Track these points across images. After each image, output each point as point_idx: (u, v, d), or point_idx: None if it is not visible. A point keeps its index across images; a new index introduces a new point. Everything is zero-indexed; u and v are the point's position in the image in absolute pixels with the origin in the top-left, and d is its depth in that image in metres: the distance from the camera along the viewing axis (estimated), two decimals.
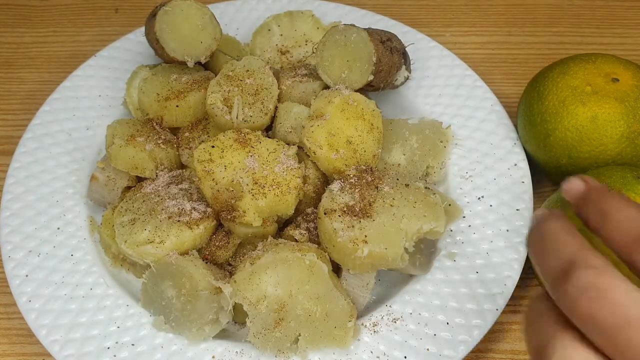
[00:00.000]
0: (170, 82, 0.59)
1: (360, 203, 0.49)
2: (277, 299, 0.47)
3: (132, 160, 0.54)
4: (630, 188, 0.46)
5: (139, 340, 0.48)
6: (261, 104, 0.55)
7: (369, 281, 0.49)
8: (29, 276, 0.50)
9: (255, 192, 0.50)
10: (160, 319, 0.49)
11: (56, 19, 0.78)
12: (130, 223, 0.51)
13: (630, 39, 0.76)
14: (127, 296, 0.50)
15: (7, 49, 0.75)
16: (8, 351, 0.52)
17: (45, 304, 0.49)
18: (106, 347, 0.47)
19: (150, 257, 0.49)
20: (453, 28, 0.77)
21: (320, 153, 0.52)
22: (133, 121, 0.58)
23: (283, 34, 0.66)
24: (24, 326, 0.52)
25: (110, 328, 0.48)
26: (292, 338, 0.47)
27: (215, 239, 0.52)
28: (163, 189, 0.53)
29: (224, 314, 0.48)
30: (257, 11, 0.71)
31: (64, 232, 0.54)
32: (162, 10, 0.57)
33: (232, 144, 0.52)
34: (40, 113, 0.61)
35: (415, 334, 0.48)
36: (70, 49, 0.75)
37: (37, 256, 0.52)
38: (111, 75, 0.65)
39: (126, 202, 0.53)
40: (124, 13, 0.79)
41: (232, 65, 0.58)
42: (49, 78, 0.71)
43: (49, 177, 0.57)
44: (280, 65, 0.65)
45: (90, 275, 0.51)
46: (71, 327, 0.48)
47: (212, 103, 0.55)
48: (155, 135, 0.56)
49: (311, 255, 0.47)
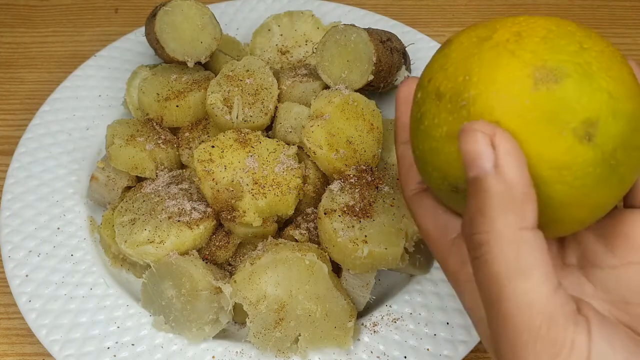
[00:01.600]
0: (170, 82, 0.59)
1: (360, 203, 0.48)
2: (277, 299, 0.47)
3: (132, 160, 0.54)
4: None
5: (139, 340, 0.48)
6: (261, 104, 0.55)
7: (369, 281, 0.49)
8: (29, 276, 0.50)
9: (255, 192, 0.50)
10: (160, 319, 0.49)
11: (56, 19, 0.78)
12: (130, 223, 0.51)
13: (630, 39, 0.76)
14: (127, 296, 0.50)
15: (7, 49, 0.75)
16: (8, 351, 0.52)
17: (45, 304, 0.49)
18: (106, 347, 0.47)
19: (150, 257, 0.49)
20: (453, 28, 0.77)
21: (320, 153, 0.52)
22: (133, 121, 0.57)
23: (283, 34, 0.66)
24: (24, 326, 0.51)
25: (110, 328, 0.48)
26: (292, 338, 0.47)
27: (215, 239, 0.51)
28: (163, 189, 0.53)
29: (224, 314, 0.48)
30: (257, 11, 0.71)
31: (64, 232, 0.54)
32: (162, 10, 0.57)
33: (232, 144, 0.52)
34: (40, 113, 0.61)
35: (415, 334, 0.48)
36: (70, 49, 0.75)
37: (37, 256, 0.52)
38: (111, 75, 0.65)
39: (126, 202, 0.52)
40: (124, 13, 0.79)
41: (232, 65, 0.58)
42: (49, 78, 0.71)
43: (49, 177, 0.57)
44: (280, 65, 0.65)
45: (90, 275, 0.51)
46: (71, 327, 0.48)
47: (212, 103, 0.55)
48: (155, 135, 0.56)
49: (311, 255, 0.47)
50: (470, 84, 0.26)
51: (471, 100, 0.26)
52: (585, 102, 0.25)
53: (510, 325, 0.25)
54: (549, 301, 0.24)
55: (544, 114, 0.25)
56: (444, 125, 0.27)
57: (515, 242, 0.24)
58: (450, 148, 0.27)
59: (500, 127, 0.25)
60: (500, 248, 0.25)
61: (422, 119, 0.29)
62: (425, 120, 0.28)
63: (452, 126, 0.27)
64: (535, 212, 0.25)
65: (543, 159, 0.25)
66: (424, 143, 0.29)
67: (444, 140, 0.27)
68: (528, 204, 0.25)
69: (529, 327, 0.24)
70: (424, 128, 0.28)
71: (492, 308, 0.25)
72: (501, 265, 0.25)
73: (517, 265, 0.24)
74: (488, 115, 0.26)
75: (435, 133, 0.28)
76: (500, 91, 0.26)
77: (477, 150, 0.25)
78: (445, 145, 0.27)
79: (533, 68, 0.26)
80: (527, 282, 0.24)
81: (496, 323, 0.25)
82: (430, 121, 0.28)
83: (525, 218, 0.25)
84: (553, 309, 0.24)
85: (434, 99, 0.28)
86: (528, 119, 0.25)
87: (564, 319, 0.25)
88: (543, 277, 0.25)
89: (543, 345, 0.24)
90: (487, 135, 0.25)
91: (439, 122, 0.27)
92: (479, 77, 0.26)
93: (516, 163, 0.25)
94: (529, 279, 0.24)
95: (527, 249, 0.24)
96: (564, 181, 0.26)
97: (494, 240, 0.25)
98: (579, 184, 0.26)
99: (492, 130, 0.25)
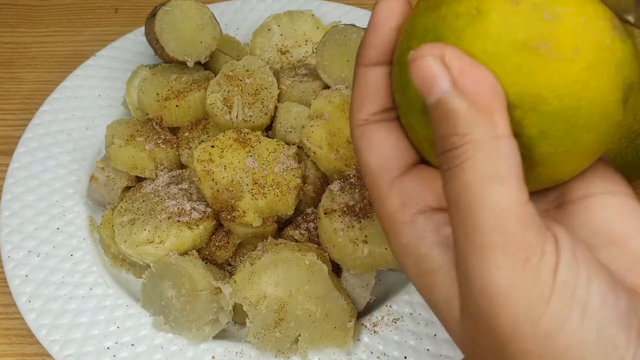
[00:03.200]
0: (170, 82, 0.59)
1: (360, 203, 0.48)
2: (277, 299, 0.47)
3: (132, 160, 0.54)
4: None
5: (138, 340, 0.48)
6: (261, 104, 0.55)
7: (369, 281, 0.49)
8: (28, 276, 0.50)
9: (255, 192, 0.50)
10: (160, 319, 0.49)
11: (56, 18, 0.78)
12: (130, 223, 0.50)
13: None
14: (126, 296, 0.50)
15: (6, 49, 0.75)
16: (7, 351, 0.52)
17: (45, 304, 0.49)
18: (106, 347, 0.47)
19: (150, 257, 0.49)
20: None
21: (320, 153, 0.52)
22: (133, 121, 0.57)
23: (283, 34, 0.66)
24: (24, 326, 0.51)
25: (110, 328, 0.48)
26: (292, 338, 0.47)
27: (215, 239, 0.51)
28: (163, 189, 0.53)
29: (224, 314, 0.48)
30: (257, 11, 0.71)
31: (64, 232, 0.54)
32: (162, 10, 0.57)
33: (232, 143, 0.52)
34: (40, 113, 0.61)
35: (415, 334, 0.48)
36: (70, 49, 0.75)
37: (37, 256, 0.52)
38: (111, 75, 0.65)
39: (126, 202, 0.52)
40: (123, 13, 0.79)
41: (232, 65, 0.58)
42: (48, 78, 0.71)
43: (49, 177, 0.57)
44: (280, 65, 0.65)
45: (90, 275, 0.51)
46: (71, 327, 0.48)
47: (212, 103, 0.55)
48: (155, 135, 0.56)
49: (311, 255, 0.47)
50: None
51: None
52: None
53: (482, 230, 0.24)
54: (522, 208, 0.24)
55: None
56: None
57: (491, 150, 0.24)
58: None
59: (448, 44, 0.25)
60: (475, 156, 0.24)
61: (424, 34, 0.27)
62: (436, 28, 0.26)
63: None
64: (506, 118, 0.25)
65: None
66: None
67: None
68: (497, 112, 0.24)
69: (503, 230, 0.24)
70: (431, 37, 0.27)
71: (462, 218, 0.25)
72: (475, 172, 0.24)
73: (492, 171, 0.24)
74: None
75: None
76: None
77: (431, 74, 0.24)
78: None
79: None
80: (502, 187, 0.24)
81: (465, 234, 0.25)
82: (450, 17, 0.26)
83: (497, 126, 0.24)
84: (527, 215, 0.24)
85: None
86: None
87: (535, 223, 0.24)
88: (517, 184, 0.24)
89: (515, 249, 0.24)
90: (437, 56, 0.24)
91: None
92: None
93: (474, 74, 0.24)
94: (504, 184, 0.24)
95: (502, 155, 0.24)
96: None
97: (471, 151, 0.24)
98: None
99: (441, 51, 0.24)
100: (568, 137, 0.26)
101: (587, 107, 0.25)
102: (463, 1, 0.26)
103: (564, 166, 0.27)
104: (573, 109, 0.25)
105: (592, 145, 0.26)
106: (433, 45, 0.25)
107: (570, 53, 0.25)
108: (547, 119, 0.25)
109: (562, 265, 0.24)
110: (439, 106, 0.25)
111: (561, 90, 0.25)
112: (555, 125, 0.25)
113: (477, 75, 0.24)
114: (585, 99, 0.25)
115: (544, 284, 0.24)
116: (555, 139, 0.26)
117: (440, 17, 0.26)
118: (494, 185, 0.24)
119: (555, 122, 0.25)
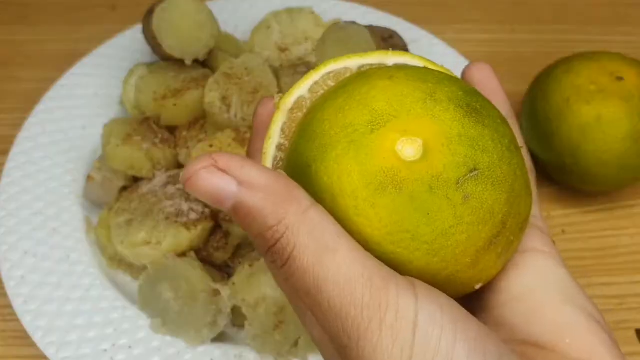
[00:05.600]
0: (168, 80, 0.58)
1: None
2: (276, 301, 0.46)
3: (129, 160, 0.54)
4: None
5: (136, 342, 0.47)
6: None
7: None
8: (24, 278, 0.50)
9: None
10: (157, 322, 0.48)
11: (52, 16, 0.78)
12: (126, 224, 0.50)
13: (636, 37, 0.75)
14: (123, 298, 0.50)
15: (2, 47, 0.74)
16: (4, 354, 0.51)
17: (41, 305, 0.48)
18: (103, 350, 0.47)
19: (147, 259, 0.49)
20: (456, 25, 0.77)
21: None
22: (130, 120, 0.57)
23: (282, 31, 0.66)
24: (20, 328, 0.51)
25: (107, 330, 0.48)
26: (291, 341, 0.46)
27: (213, 240, 0.51)
28: (160, 189, 0.53)
29: (222, 316, 0.47)
30: (256, 8, 0.70)
31: (60, 233, 0.53)
32: (159, 8, 0.56)
33: (230, 142, 0.51)
34: (36, 112, 0.60)
35: None
36: (67, 47, 0.74)
37: (33, 257, 0.51)
38: (107, 73, 0.64)
39: (123, 203, 0.52)
40: (120, 10, 0.78)
41: (231, 63, 0.57)
42: (44, 76, 0.70)
43: (45, 177, 0.56)
44: (279, 63, 0.64)
45: (86, 276, 0.51)
46: (67, 329, 0.47)
47: (210, 101, 0.55)
48: (152, 135, 0.56)
49: None
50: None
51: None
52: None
53: (335, 309, 0.23)
54: (365, 267, 0.24)
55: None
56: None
57: (308, 225, 0.24)
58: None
59: (214, 151, 0.25)
60: (298, 241, 0.24)
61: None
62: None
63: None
64: (301, 190, 0.25)
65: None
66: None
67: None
68: (292, 188, 0.24)
69: (353, 301, 0.23)
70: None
71: (314, 303, 0.24)
72: (307, 254, 0.24)
73: (319, 245, 0.24)
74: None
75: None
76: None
77: (213, 185, 0.24)
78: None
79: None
80: (337, 256, 0.24)
81: (324, 318, 0.24)
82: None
83: (300, 200, 0.24)
84: (370, 272, 0.24)
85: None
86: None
87: (383, 280, 0.24)
88: (349, 246, 0.24)
89: (369, 312, 0.23)
90: (210, 166, 0.24)
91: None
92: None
93: (251, 165, 0.24)
94: (337, 252, 0.24)
95: (319, 227, 0.24)
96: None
97: (291, 236, 0.24)
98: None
99: (210, 159, 0.24)
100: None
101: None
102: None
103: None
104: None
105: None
106: (202, 157, 0.24)
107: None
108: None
109: (421, 317, 0.23)
110: (239, 209, 0.24)
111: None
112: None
113: (253, 165, 0.24)
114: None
115: (403, 343, 0.23)
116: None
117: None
118: (328, 258, 0.23)
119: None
